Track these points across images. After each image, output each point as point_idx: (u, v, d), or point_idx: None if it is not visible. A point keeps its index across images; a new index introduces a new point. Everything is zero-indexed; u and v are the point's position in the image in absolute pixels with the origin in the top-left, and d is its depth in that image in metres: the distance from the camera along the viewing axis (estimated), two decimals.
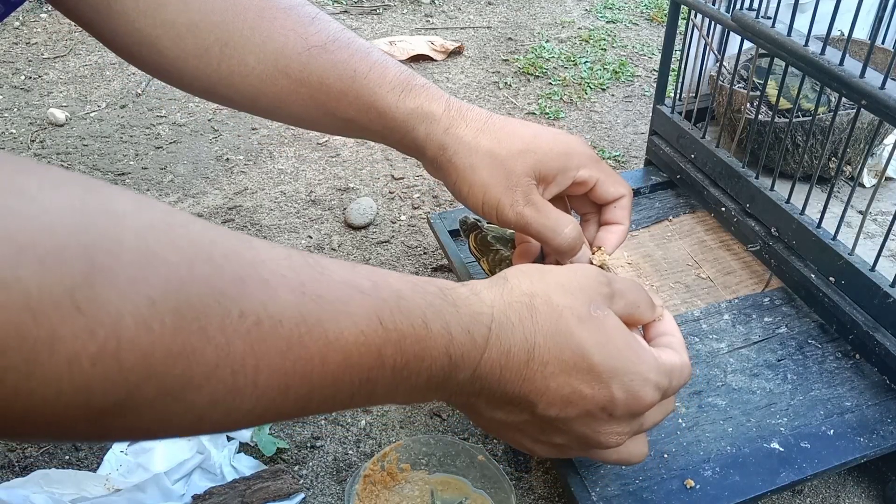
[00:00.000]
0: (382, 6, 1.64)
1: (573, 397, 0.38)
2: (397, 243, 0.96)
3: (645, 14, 1.63)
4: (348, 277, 0.31)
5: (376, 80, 0.53)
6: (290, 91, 0.53)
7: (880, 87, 0.58)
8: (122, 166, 1.11)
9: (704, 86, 0.92)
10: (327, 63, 0.53)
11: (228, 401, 0.27)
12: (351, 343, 0.30)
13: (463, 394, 0.38)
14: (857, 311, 0.66)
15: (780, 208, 0.73)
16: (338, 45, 0.53)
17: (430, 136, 0.53)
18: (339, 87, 0.53)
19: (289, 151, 1.15)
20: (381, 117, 0.54)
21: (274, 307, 0.27)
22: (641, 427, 0.43)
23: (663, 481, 0.58)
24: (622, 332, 0.40)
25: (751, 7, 0.73)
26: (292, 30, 0.52)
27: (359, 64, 0.53)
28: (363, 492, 0.59)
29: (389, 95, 0.53)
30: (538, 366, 0.38)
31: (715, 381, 0.66)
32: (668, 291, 0.77)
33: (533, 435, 0.42)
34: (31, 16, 1.56)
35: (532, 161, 0.53)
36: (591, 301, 0.40)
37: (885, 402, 0.63)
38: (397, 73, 0.54)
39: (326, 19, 0.54)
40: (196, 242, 0.26)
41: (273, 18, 0.52)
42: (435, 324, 0.34)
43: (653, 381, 0.40)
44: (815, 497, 0.66)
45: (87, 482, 0.61)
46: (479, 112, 0.55)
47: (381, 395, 0.34)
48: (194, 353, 0.25)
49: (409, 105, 0.53)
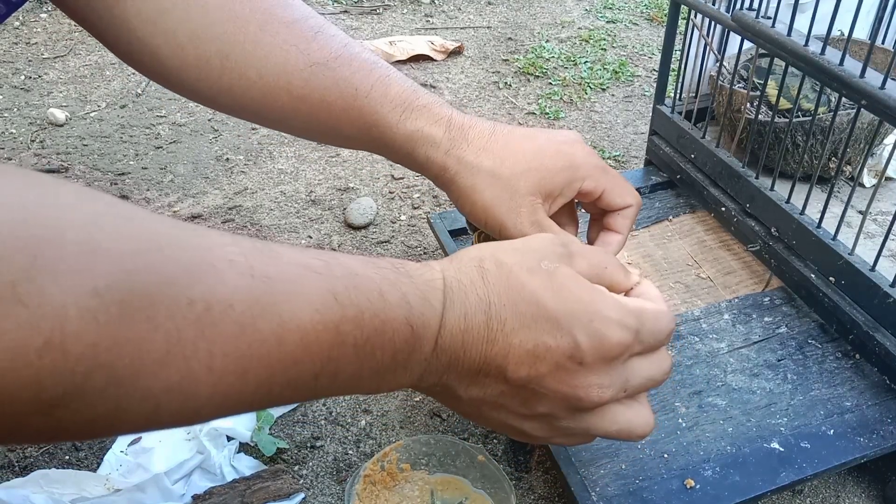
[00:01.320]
0: (382, 6, 1.64)
1: (538, 350, 0.37)
2: (397, 243, 0.96)
3: (645, 14, 1.63)
4: (298, 258, 0.32)
5: (378, 99, 0.53)
6: (292, 108, 0.53)
7: (880, 87, 0.58)
8: (122, 166, 1.11)
9: (704, 86, 0.92)
10: (329, 81, 0.52)
11: (184, 387, 0.27)
12: (307, 322, 0.30)
13: (433, 372, 0.37)
14: (857, 311, 0.66)
15: (780, 208, 0.73)
16: (340, 61, 0.52)
17: (431, 158, 0.53)
18: (341, 104, 0.52)
19: (289, 151, 1.15)
20: (382, 137, 0.53)
21: (223, 292, 0.27)
22: (627, 383, 0.40)
23: (663, 481, 0.58)
24: (576, 279, 0.39)
25: (751, 7, 0.73)
26: (294, 45, 0.51)
27: (361, 82, 0.52)
28: (363, 492, 0.59)
29: (390, 115, 0.53)
30: (497, 324, 0.37)
31: (715, 381, 0.66)
32: (668, 291, 0.77)
33: (515, 409, 0.40)
34: (31, 16, 1.56)
35: (535, 179, 0.52)
36: (543, 257, 0.39)
37: (885, 402, 0.63)
38: (400, 90, 0.53)
39: (330, 33, 0.54)
40: (142, 232, 0.26)
41: (275, 33, 0.51)
42: (392, 295, 0.34)
43: (615, 319, 0.38)
44: (815, 497, 0.66)
45: (87, 482, 0.61)
46: (482, 129, 0.54)
47: (348, 378, 0.33)
48: (143, 341, 0.25)
49: (410, 127, 0.53)
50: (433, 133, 0.53)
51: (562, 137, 0.55)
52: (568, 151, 0.54)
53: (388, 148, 0.54)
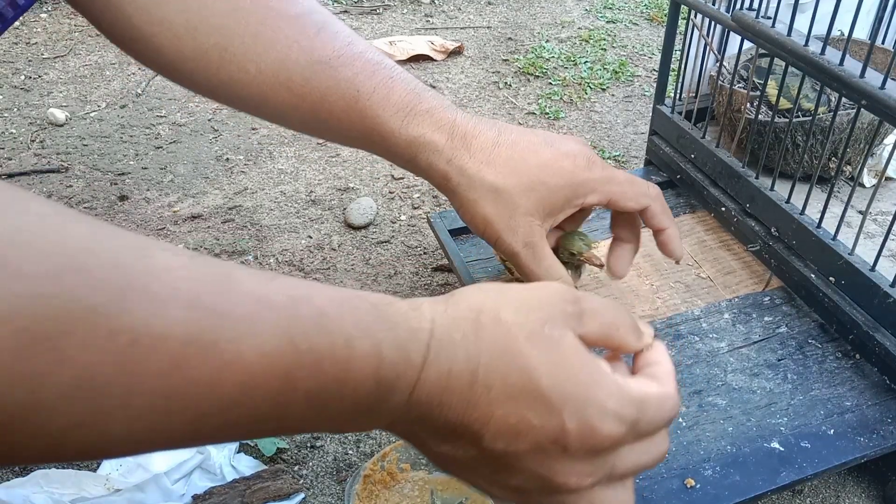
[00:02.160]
0: (382, 6, 1.64)
1: (521, 427, 0.33)
2: (397, 243, 0.96)
3: (645, 14, 1.63)
4: (259, 291, 0.28)
5: (379, 103, 0.51)
6: (292, 105, 0.51)
7: (880, 87, 0.58)
8: (122, 166, 1.11)
9: (704, 86, 0.92)
10: (331, 80, 0.51)
11: (94, 424, 0.24)
12: (253, 364, 0.27)
13: (403, 421, 0.34)
14: (857, 310, 0.66)
15: (780, 208, 0.73)
16: (342, 60, 0.51)
17: (433, 165, 0.52)
18: (342, 106, 0.51)
19: (289, 151, 1.15)
20: (384, 141, 0.52)
21: (157, 325, 0.24)
22: (613, 470, 0.35)
23: (663, 480, 0.58)
24: (580, 353, 0.35)
25: (751, 7, 0.73)
26: (296, 41, 0.50)
27: (363, 83, 0.51)
28: (363, 491, 0.59)
29: (392, 120, 0.51)
30: (482, 389, 0.33)
31: (715, 381, 0.66)
32: (668, 291, 0.77)
33: (486, 475, 0.36)
34: (31, 16, 1.56)
35: (537, 198, 0.52)
36: (548, 319, 0.34)
37: (885, 401, 0.63)
38: (403, 93, 0.52)
39: (334, 30, 0.52)
40: (71, 250, 0.23)
41: (277, 28, 0.50)
42: (362, 344, 0.30)
43: (612, 410, 0.34)
44: (815, 497, 0.66)
45: (87, 482, 0.61)
46: (486, 137, 0.53)
47: (298, 423, 0.30)
48: (45, 375, 0.22)
49: (412, 133, 0.52)
50: (435, 140, 0.52)
51: (566, 149, 0.54)
52: (569, 168, 0.53)
53: (390, 152, 0.53)
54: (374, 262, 0.93)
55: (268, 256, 0.94)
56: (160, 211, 1.02)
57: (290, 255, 0.94)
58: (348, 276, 0.91)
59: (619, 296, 0.76)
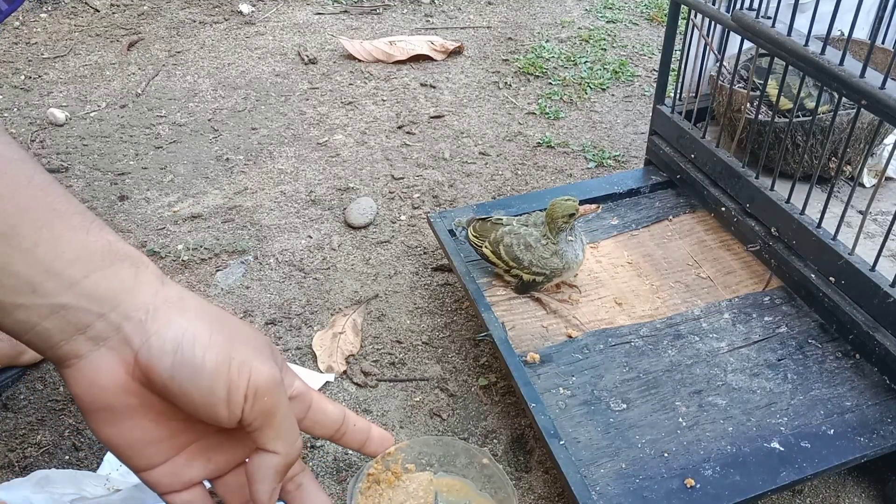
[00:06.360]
0: (382, 6, 1.64)
1: None
2: (397, 243, 0.96)
3: (645, 14, 1.64)
4: None
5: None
6: None
7: (880, 87, 0.58)
8: (122, 166, 1.11)
9: (704, 86, 0.92)
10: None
11: None
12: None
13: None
14: (857, 310, 0.66)
15: (780, 208, 0.73)
16: None
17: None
18: None
19: (289, 151, 1.15)
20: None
21: None
22: None
23: (663, 480, 0.58)
24: None
25: (751, 7, 0.73)
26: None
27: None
28: (367, 490, 0.59)
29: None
30: None
31: (715, 381, 0.66)
32: (668, 291, 0.77)
33: None
34: (31, 16, 1.56)
35: None
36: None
37: (885, 402, 0.63)
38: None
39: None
40: None
41: None
42: None
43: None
44: (815, 497, 0.66)
45: (87, 482, 0.61)
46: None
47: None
48: None
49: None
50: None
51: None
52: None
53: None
54: (374, 262, 0.93)
55: (268, 256, 0.94)
56: (160, 211, 1.02)
57: (290, 254, 0.94)
58: (348, 276, 0.91)
59: (619, 296, 0.76)
